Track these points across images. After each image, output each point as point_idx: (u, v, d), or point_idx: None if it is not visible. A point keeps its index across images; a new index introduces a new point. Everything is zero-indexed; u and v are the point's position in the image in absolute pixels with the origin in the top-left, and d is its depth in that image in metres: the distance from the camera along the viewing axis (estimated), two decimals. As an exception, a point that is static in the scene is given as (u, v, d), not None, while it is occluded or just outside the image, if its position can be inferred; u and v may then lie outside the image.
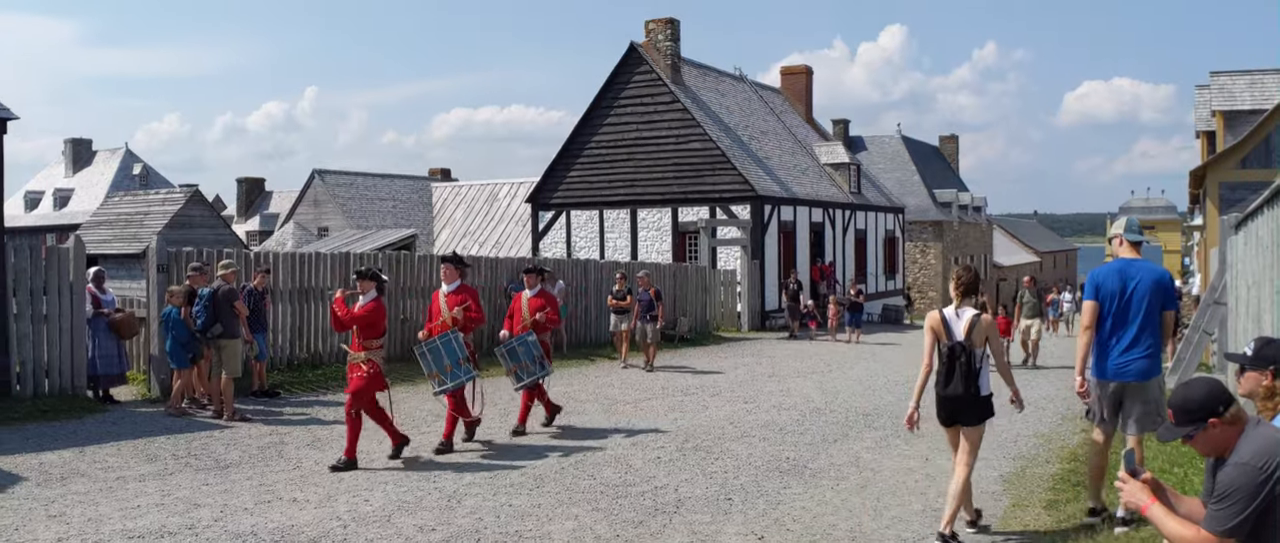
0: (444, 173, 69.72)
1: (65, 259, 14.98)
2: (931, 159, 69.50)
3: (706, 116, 34.59)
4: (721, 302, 31.46)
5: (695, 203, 33.82)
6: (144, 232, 34.96)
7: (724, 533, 8.21)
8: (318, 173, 58.80)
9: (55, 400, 14.30)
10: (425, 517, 8.66)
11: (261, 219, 72.35)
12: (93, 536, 8.13)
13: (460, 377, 11.57)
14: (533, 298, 13.75)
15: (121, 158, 78.27)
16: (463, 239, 44.30)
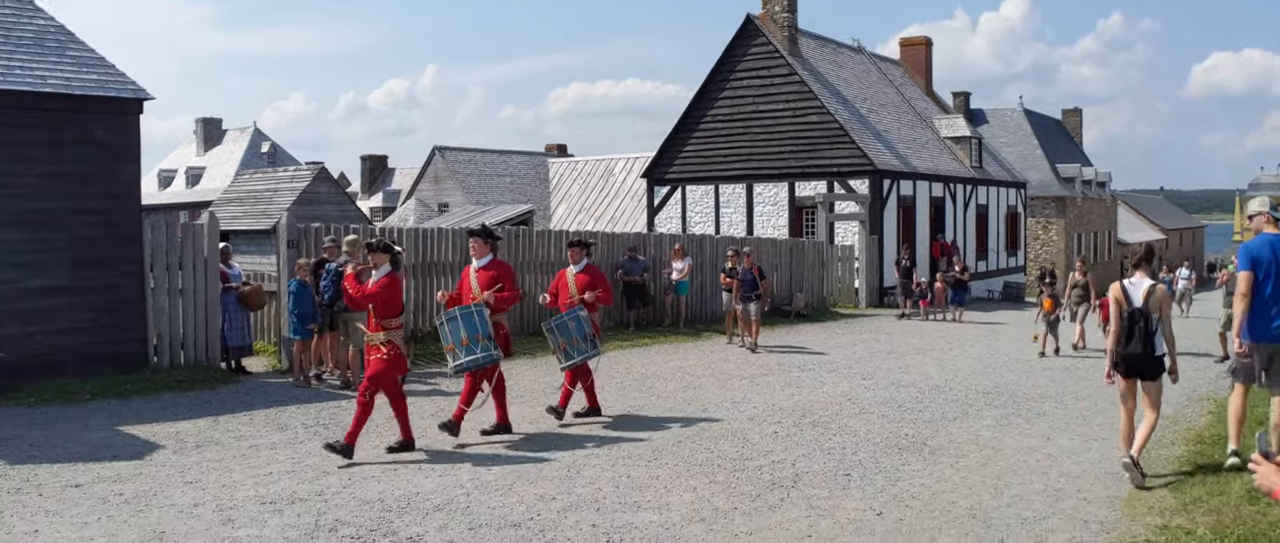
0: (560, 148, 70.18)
1: (199, 235, 15.51)
2: (1054, 133, 67.95)
3: (824, 89, 34.28)
4: (839, 278, 31.24)
5: (812, 177, 33.57)
6: (273, 208, 35.88)
7: (842, 508, 8.21)
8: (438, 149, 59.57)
9: (190, 371, 14.83)
10: (546, 487, 8.81)
11: (384, 195, 73.65)
12: (227, 502, 8.43)
13: (476, 353, 10.54)
14: (579, 274, 12.42)
15: (250, 136, 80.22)
16: (578, 215, 44.65)
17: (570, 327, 11.75)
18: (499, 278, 11.04)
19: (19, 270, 13.89)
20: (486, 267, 11.16)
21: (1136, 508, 8.22)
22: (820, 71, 35.68)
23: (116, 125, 14.91)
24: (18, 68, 14.30)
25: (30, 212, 13.99)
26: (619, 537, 7.42)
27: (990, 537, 7.50)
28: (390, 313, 10.09)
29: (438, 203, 53.33)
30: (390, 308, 10.09)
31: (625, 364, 17.05)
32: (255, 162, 74.14)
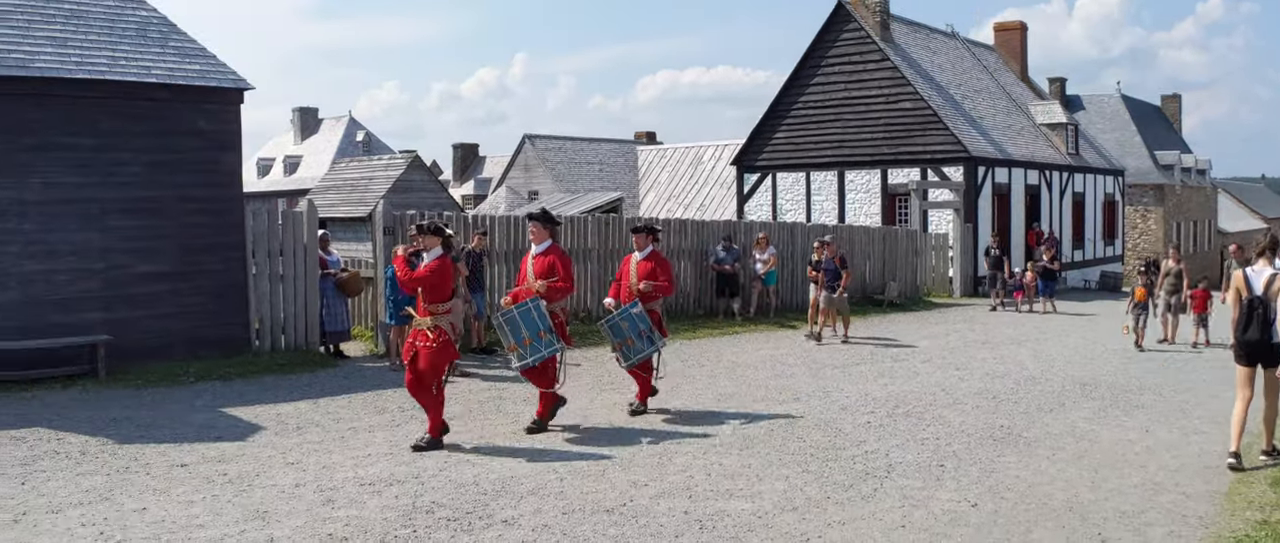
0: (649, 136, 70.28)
1: (299, 222, 15.83)
2: (1152, 119, 66.44)
3: (917, 75, 33.89)
4: (932, 266, 30.92)
5: (905, 164, 33.24)
6: (368, 196, 36.44)
7: (936, 499, 8.16)
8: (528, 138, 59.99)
9: (290, 355, 15.15)
10: (638, 473, 8.88)
11: (475, 183, 74.40)
12: (327, 482, 8.63)
13: (541, 350, 10.33)
14: (642, 261, 11.95)
15: (345, 125, 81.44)
16: (667, 202, 44.65)
17: (623, 326, 11.39)
18: (555, 266, 10.68)
19: (129, 256, 14.30)
20: (544, 253, 10.83)
21: (1236, 503, 8.08)
22: (913, 57, 35.28)
23: (219, 115, 15.25)
24: (123, 59, 14.69)
25: (138, 199, 14.38)
26: (711, 524, 7.46)
27: (1087, 531, 7.42)
28: (439, 297, 9.85)
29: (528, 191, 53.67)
30: (439, 292, 9.86)
31: (715, 352, 17.08)
32: (350, 150, 75.21)
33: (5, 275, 13.48)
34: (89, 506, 7.98)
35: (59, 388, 12.97)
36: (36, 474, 8.92)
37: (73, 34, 14.66)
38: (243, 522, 7.53)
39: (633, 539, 7.12)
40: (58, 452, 9.76)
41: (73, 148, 14.01)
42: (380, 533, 7.24)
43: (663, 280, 11.75)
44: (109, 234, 14.15)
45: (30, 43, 14.18)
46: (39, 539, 7.17)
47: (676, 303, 21.73)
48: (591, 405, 12.11)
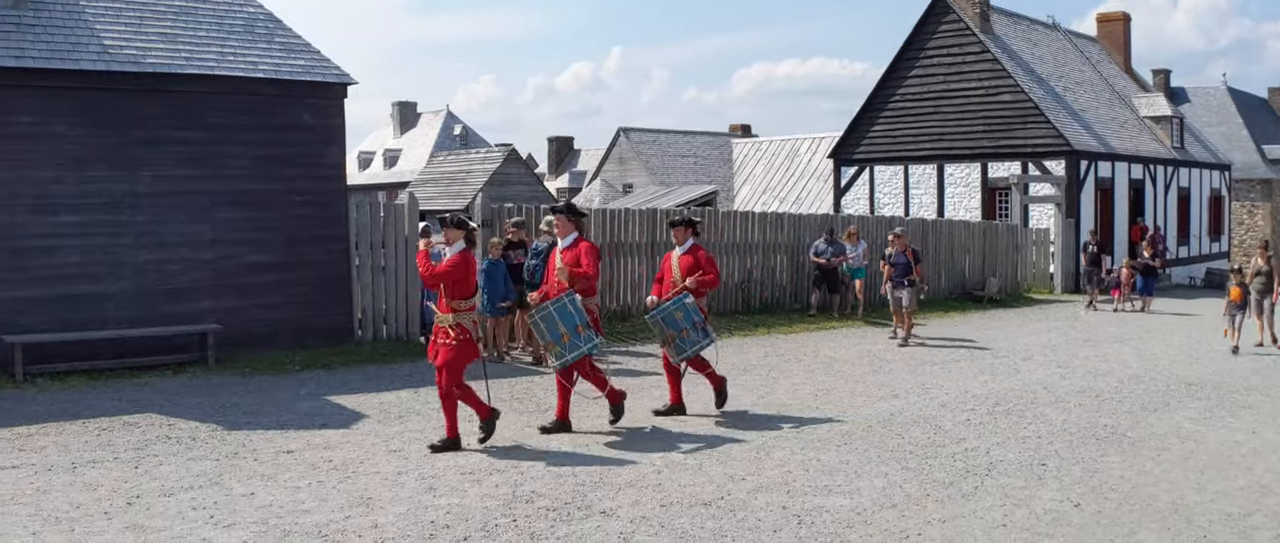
0: (744, 129, 69.96)
1: (400, 215, 16.11)
2: (1260, 112, 64.51)
3: (1017, 67, 33.36)
4: (1033, 262, 30.45)
5: (1006, 158, 32.74)
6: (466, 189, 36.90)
7: (1038, 498, 8.06)
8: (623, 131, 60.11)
9: (391, 345, 15.42)
10: (735, 467, 8.89)
11: (570, 176, 74.74)
12: (428, 471, 8.77)
13: (581, 346, 10.02)
14: (683, 256, 11.37)
15: (443, 119, 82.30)
16: (763, 195, 44.53)
17: (677, 317, 10.93)
18: (580, 258, 10.32)
19: (237, 247, 14.66)
20: (570, 246, 10.45)
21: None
22: (1013, 48, 34.74)
23: (323, 109, 15.56)
24: (231, 54, 15.05)
25: (246, 192, 14.73)
26: (810, 519, 7.45)
27: (1192, 533, 7.28)
28: (461, 294, 9.48)
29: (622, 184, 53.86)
30: (461, 288, 9.48)
31: (812, 347, 17.01)
32: (448, 144, 76.04)
33: (119, 265, 13.89)
34: (199, 490, 8.21)
35: (170, 375, 13.35)
36: (149, 459, 9.19)
37: (183, 30, 15.04)
38: (348, 508, 7.69)
39: (731, 533, 7.14)
40: (169, 437, 10.05)
41: (183, 142, 14.40)
42: (481, 521, 7.35)
43: (708, 274, 11.21)
44: (218, 226, 14.52)
45: (142, 39, 14.58)
46: (152, 522, 7.39)
47: (773, 297, 21.69)
48: (687, 399, 12.12)
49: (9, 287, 13.33)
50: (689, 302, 10.92)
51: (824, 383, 13.39)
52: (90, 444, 9.76)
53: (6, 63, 13.26)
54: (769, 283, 21.79)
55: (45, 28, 14.00)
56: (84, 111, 13.81)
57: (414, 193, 18.40)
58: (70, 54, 13.82)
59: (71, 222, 13.72)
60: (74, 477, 8.50)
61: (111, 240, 13.88)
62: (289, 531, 7.17)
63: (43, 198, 13.55)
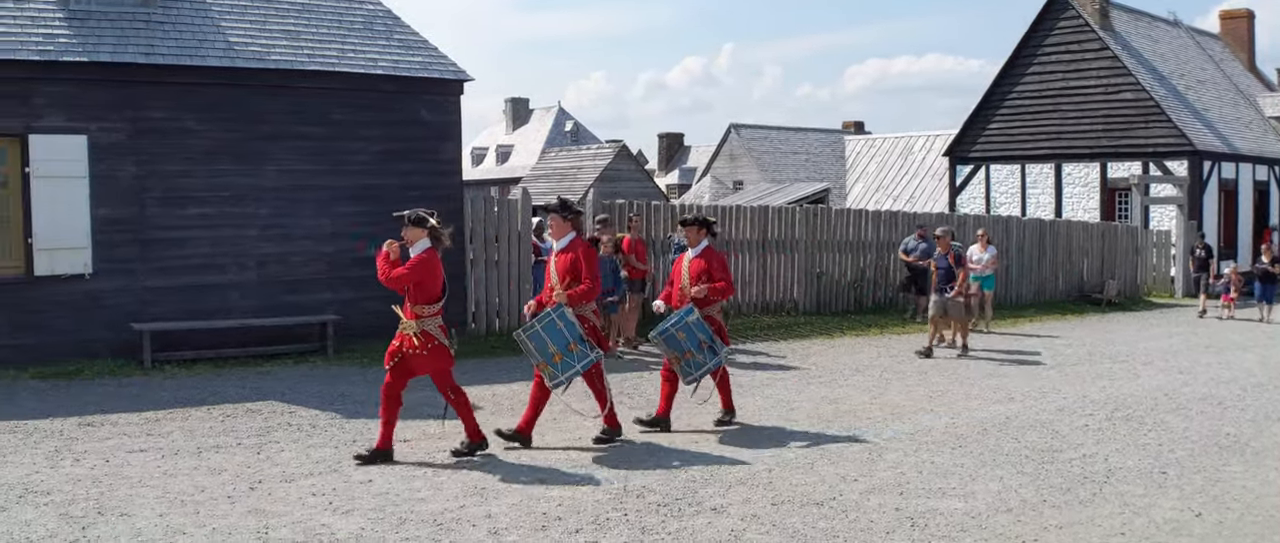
0: (857, 125, 69.47)
1: (514, 210, 16.32)
2: (1396, 110, 62.10)
3: (1138, 65, 32.55)
4: (1153, 265, 29.71)
5: (1125, 157, 31.96)
6: (577, 185, 37.23)
7: (1158, 506, 7.88)
8: (734, 127, 60.10)
9: (503, 339, 15.59)
10: (847, 468, 8.84)
11: (680, 173, 74.88)
12: (541, 463, 8.87)
13: (575, 365, 9.23)
14: (695, 260, 10.28)
15: (555, 115, 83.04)
16: (875, 193, 44.09)
17: (679, 338, 9.98)
18: (577, 264, 9.44)
19: (355, 240, 14.96)
20: (566, 249, 9.57)
21: None
22: (1134, 46, 33.90)
23: (440, 105, 15.82)
24: (351, 52, 15.36)
25: (364, 187, 15.03)
26: (923, 521, 7.38)
27: (1324, 546, 7.06)
28: (425, 297, 8.75)
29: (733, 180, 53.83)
30: (424, 291, 8.74)
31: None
32: (559, 140, 76.71)
33: (245, 257, 14.28)
34: (319, 476, 8.41)
35: (291, 364, 13.69)
36: (271, 445, 9.44)
37: (305, 28, 15.39)
38: (462, 497, 7.81)
39: (842, 534, 7.10)
40: (290, 424, 10.31)
41: (306, 137, 14.75)
42: (593, 514, 7.42)
43: (720, 281, 10.16)
44: (338, 220, 14.84)
45: (266, 36, 14.96)
46: (273, 506, 7.59)
47: (886, 296, 21.48)
48: (798, 398, 12.11)
49: (140, 276, 13.79)
50: (693, 318, 9.97)
51: (938, 385, 13.24)
52: (214, 430, 10.07)
53: (137, 59, 13.71)
54: (882, 283, 21.59)
55: (173, 25, 14.44)
56: (211, 107, 14.23)
57: (527, 188, 18.58)
58: (197, 51, 14.24)
59: (199, 214, 14.15)
60: (199, 461, 8.77)
61: (237, 233, 14.27)
62: (405, 518, 7.31)
63: (173, 191, 13.99)
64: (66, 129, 13.40)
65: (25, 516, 7.32)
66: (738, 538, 6.96)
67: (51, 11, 13.81)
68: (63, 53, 13.36)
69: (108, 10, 14.12)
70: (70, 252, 13.38)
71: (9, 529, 7.01)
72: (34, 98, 13.27)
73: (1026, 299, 24.25)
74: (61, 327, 13.34)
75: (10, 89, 13.14)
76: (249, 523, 7.19)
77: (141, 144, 13.80)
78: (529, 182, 40.22)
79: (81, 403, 11.27)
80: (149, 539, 6.86)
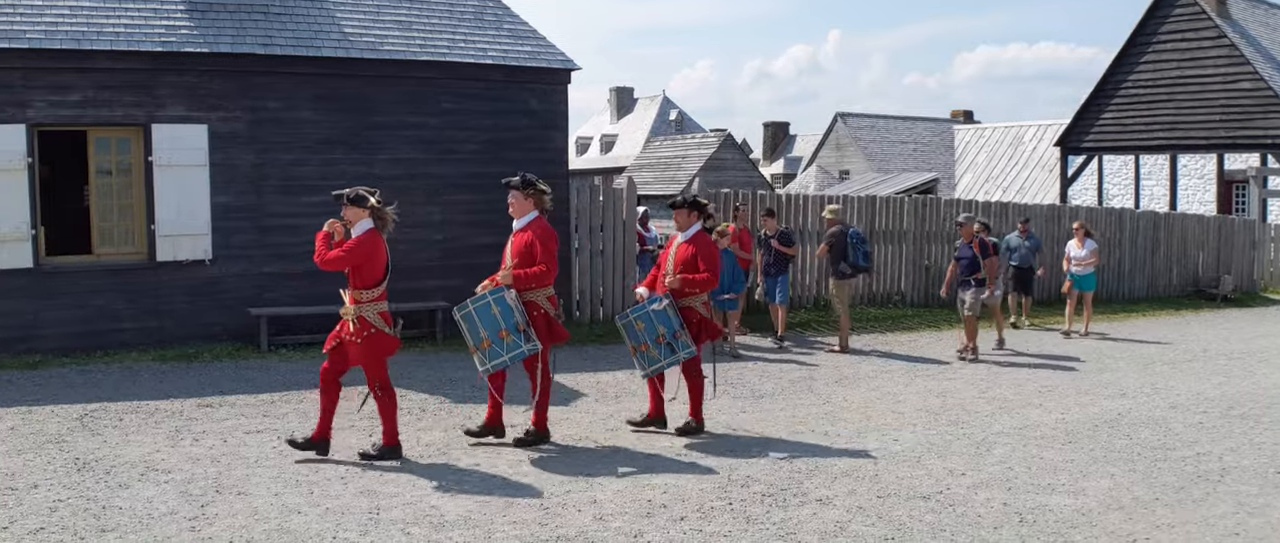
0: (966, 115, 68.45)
1: (619, 199, 16.43)
2: None
3: (1257, 53, 31.60)
4: (1271, 260, 28.86)
5: (1243, 149, 31.08)
6: (681, 174, 37.27)
7: (1274, 507, 7.70)
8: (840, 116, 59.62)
9: (607, 327, 15.70)
10: (954, 462, 8.77)
11: (785, 162, 74.58)
12: (645, 451, 8.96)
13: (502, 354, 8.68)
14: (684, 245, 9.57)
15: (659, 104, 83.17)
16: (985, 184, 43.45)
17: (638, 328, 9.42)
18: (533, 245, 8.78)
19: (466, 229, 15.20)
20: (524, 228, 8.92)
21: None
22: (1252, 34, 32.91)
23: (547, 95, 15.95)
24: (462, 41, 15.56)
25: (473, 175, 15.23)
26: (1032, 517, 7.30)
27: None
28: (363, 282, 8.30)
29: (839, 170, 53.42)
30: (363, 275, 8.28)
31: (1037, 341, 16.57)
32: (664, 129, 76.82)
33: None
34: (428, 460, 8.59)
35: (402, 349, 13.90)
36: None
37: (417, 18, 15.63)
38: (567, 483, 7.92)
39: (949, 528, 7.06)
40: (400, 407, 10.50)
41: (417, 126, 15.00)
42: (697, 502, 7.47)
43: (703, 270, 9.40)
44: (447, 208, 15.06)
45: (380, 27, 15.23)
46: (384, 488, 7.77)
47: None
48: (905, 391, 12.04)
49: (257, 262, 14.16)
50: (659, 307, 9.27)
51: (1048, 380, 13.04)
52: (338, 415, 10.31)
53: (256, 50, 14.05)
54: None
55: (290, 16, 14.77)
56: (326, 97, 14.53)
57: (632, 177, 18.68)
58: (312, 41, 14.54)
59: (312, 202, 14.42)
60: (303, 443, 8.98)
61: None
62: (513, 502, 7.44)
63: (288, 179, 14.33)
64: (187, 119, 13.80)
65: (147, 493, 7.60)
66: (843, 530, 6.96)
67: (173, 4, 14.21)
68: (184, 44, 13.76)
69: (227, 2, 14.50)
70: (191, 238, 13.78)
71: (132, 506, 7.28)
72: (157, 88, 13.69)
73: (1139, 294, 23.73)
74: (182, 311, 13.76)
75: (134, 80, 13.57)
76: (361, 504, 7.38)
77: (259, 133, 14.16)
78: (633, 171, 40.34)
79: (201, 385, 11.63)
80: (265, 517, 7.07)
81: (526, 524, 6.96)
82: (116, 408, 10.40)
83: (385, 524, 6.95)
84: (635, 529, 6.89)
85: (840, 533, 6.90)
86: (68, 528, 6.81)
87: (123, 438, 9.06)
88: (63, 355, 12.98)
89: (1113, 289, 23.16)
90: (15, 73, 13.06)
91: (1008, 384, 12.63)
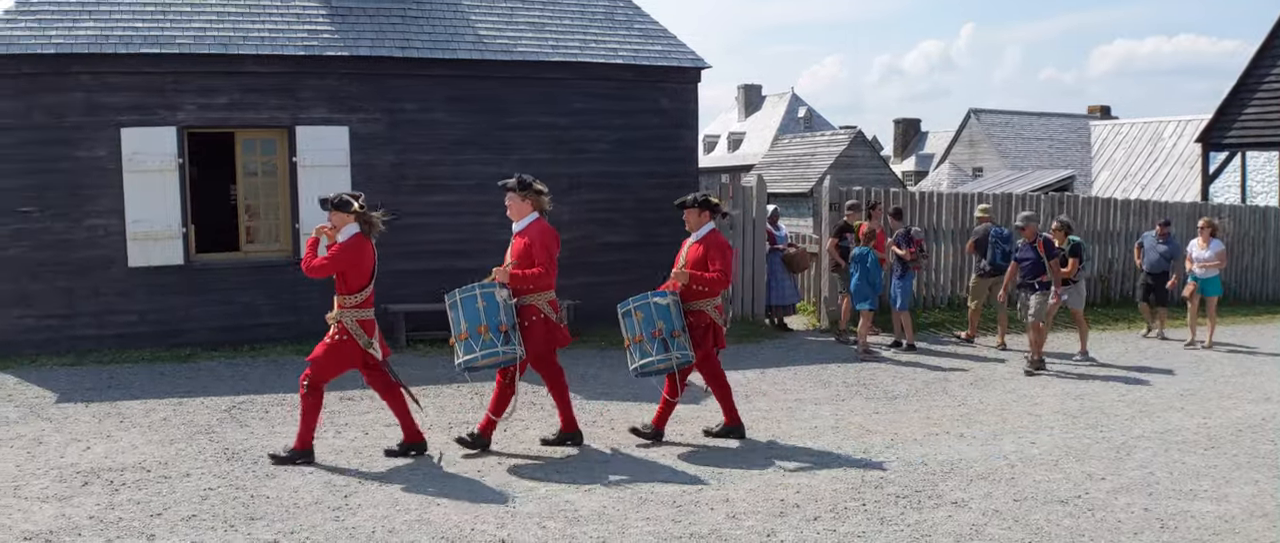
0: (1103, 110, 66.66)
1: (749, 198, 16.41)
2: None
3: None
4: None
5: (1401, 144, 29.74)
6: (810, 172, 37.06)
7: None
8: (974, 112, 58.58)
9: (736, 326, 15.72)
10: (1094, 465, 8.61)
11: (917, 160, 73.63)
12: (777, 451, 8.98)
13: (475, 351, 8.32)
14: (694, 245, 9.10)
15: (788, 102, 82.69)
16: (1122, 182, 42.33)
17: (636, 318, 8.83)
18: (530, 247, 8.62)
19: (594, 227, 15.36)
20: (522, 231, 8.79)
21: None
22: None
23: (678, 93, 16.03)
24: (593, 42, 15.72)
25: (604, 174, 15.40)
26: (1173, 524, 7.14)
27: None
28: (349, 287, 8.30)
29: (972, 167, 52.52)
30: (349, 281, 8.28)
31: (1176, 345, 16.10)
32: (792, 126, 76.38)
33: (487, 243, 14.74)
34: (561, 454, 8.74)
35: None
36: (515, 423, 9.81)
37: (549, 19, 15.84)
38: (700, 481, 7.97)
39: (1088, 533, 6.94)
40: (533, 403, 10.69)
41: (549, 127, 15.21)
42: (830, 503, 7.46)
43: (713, 270, 8.88)
44: (578, 207, 15.23)
45: (513, 29, 15.47)
46: (519, 481, 7.94)
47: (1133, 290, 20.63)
48: (1042, 393, 11.83)
49: (393, 260, 14.41)
50: (660, 302, 8.81)
51: (1190, 384, 12.67)
52: (464, 406, 10.57)
53: (394, 53, 14.40)
54: (1131, 275, 20.73)
55: (427, 19, 15.09)
56: (460, 98, 14.83)
57: (761, 175, 18.64)
58: (448, 44, 14.84)
59: (445, 201, 14.77)
60: (449, 436, 9.18)
61: (479, 219, 14.77)
62: (645, 499, 7.52)
63: (425, 179, 14.67)
64: (329, 121, 14.22)
65: (293, 482, 7.87)
66: (978, 533, 6.89)
67: (315, 8, 14.64)
68: (325, 48, 14.16)
69: (366, 6, 14.88)
70: (333, 237, 14.18)
71: (278, 495, 7.56)
72: (300, 91, 14.13)
73: (1272, 294, 22.89)
74: (321, 306, 14.09)
75: (278, 83, 14.04)
76: (497, 497, 7.54)
77: (397, 134, 14.52)
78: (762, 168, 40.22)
79: (342, 379, 11.81)
80: (406, 508, 7.28)
81: (660, 521, 7.04)
82: (263, 401, 10.79)
83: (521, 518, 7.10)
84: (768, 529, 6.91)
85: (976, 537, 6.83)
86: (218, 516, 7.10)
87: (269, 430, 9.38)
88: (211, 349, 13.50)
89: (1256, 290, 22.37)
90: (166, 77, 13.62)
91: (1148, 388, 12.30)
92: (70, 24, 13.49)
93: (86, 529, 6.83)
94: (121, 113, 13.48)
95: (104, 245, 13.52)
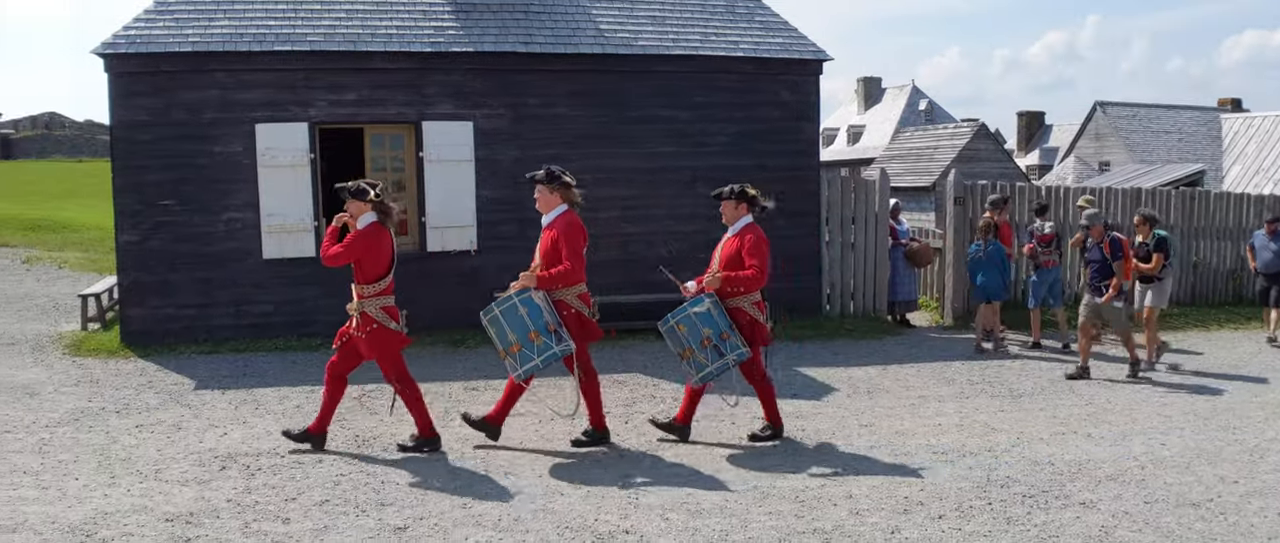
0: (1234, 103, 64.55)
1: (871, 191, 16.29)
2: None
3: None
4: None
5: None
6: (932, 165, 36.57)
7: None
8: (1099, 105, 57.09)
9: (858, 321, 15.65)
10: (1226, 468, 8.38)
11: (1041, 153, 72.07)
12: (900, 448, 8.91)
13: (533, 357, 8.23)
14: (730, 240, 8.96)
15: (908, 94, 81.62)
16: (1254, 177, 41.01)
17: (680, 332, 8.70)
18: (557, 242, 8.47)
19: (713, 222, 15.19)
20: (551, 224, 8.59)
21: None
22: None
23: (799, 86, 15.95)
24: (713, 35, 15.72)
25: (724, 167, 15.33)
26: (1315, 530, 6.93)
27: None
28: (367, 277, 8.26)
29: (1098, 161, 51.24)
30: (366, 270, 8.25)
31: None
32: (913, 119, 75.39)
33: (608, 237, 14.88)
34: (681, 448, 8.80)
35: (652, 339, 14.17)
36: (636, 415, 9.93)
37: (670, 13, 15.89)
38: (823, 478, 7.95)
39: (1220, 537, 6.76)
40: (653, 396, 10.79)
41: (669, 120, 15.25)
42: (955, 501, 7.39)
43: (750, 267, 8.64)
44: (697, 201, 15.22)
45: (633, 22, 15.55)
46: (640, 474, 8.02)
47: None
48: (1171, 394, 11.54)
49: (517, 254, 14.56)
50: (700, 310, 8.60)
51: (1328, 384, 12.26)
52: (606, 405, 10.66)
53: (517, 48, 14.58)
54: (1262, 273, 20.10)
55: (549, 14, 15.25)
56: (582, 93, 14.96)
57: (884, 169, 18.46)
58: (570, 39, 14.98)
59: (568, 195, 14.90)
60: (572, 427, 9.26)
61: (602, 213, 14.89)
62: (768, 493, 7.54)
63: (546, 173, 14.81)
64: (454, 116, 14.45)
65: (421, 470, 8.06)
66: (1108, 535, 6.76)
67: (440, 6, 14.90)
68: (451, 44, 14.40)
69: (490, 2, 15.09)
70: (458, 230, 14.44)
71: (407, 482, 7.74)
72: (426, 87, 14.40)
73: None
74: (449, 299, 14.37)
75: (405, 79, 14.32)
76: (619, 488, 7.62)
77: (520, 129, 14.69)
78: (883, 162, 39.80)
79: (466, 369, 12.20)
80: (531, 496, 7.41)
81: (783, 516, 7.04)
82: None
83: (644, 509, 7.16)
84: (892, 526, 6.88)
85: (1105, 539, 6.70)
86: (350, 501, 7.29)
87: (397, 418, 9.59)
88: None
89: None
90: (298, 74, 13.98)
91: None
92: (206, 23, 13.93)
93: (224, 512, 7.07)
94: (255, 109, 13.89)
95: (240, 238, 13.95)
